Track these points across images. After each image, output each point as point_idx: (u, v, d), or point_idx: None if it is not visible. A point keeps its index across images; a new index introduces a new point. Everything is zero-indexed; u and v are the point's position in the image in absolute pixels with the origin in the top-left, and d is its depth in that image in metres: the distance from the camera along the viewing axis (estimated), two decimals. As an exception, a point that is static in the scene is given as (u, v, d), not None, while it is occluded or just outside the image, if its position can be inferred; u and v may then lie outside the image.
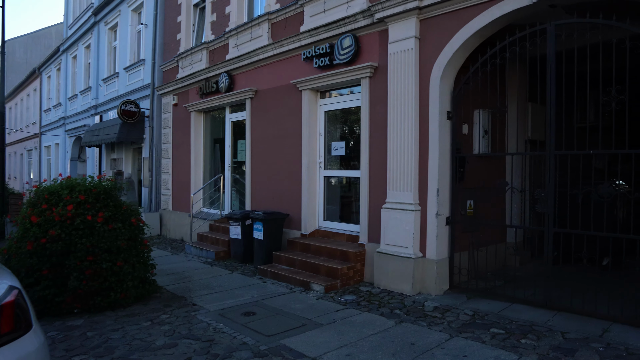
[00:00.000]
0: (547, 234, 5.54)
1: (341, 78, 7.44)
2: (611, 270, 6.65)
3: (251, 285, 6.94)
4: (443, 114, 6.35)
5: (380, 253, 6.65)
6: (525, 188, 6.83)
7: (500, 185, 5.95)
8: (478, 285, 6.28)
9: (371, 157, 7.08)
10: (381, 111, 6.92)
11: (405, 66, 6.49)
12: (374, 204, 7.00)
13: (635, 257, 5.21)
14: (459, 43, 6.06)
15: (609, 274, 5.46)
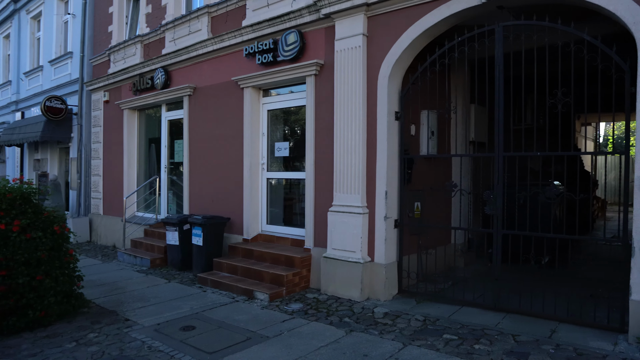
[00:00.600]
0: (496, 236, 5.49)
1: (285, 76, 7.12)
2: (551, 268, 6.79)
3: (190, 295, 6.46)
4: (391, 114, 6.19)
5: (327, 258, 6.40)
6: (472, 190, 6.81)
7: (449, 187, 5.86)
8: (427, 289, 6.17)
9: (317, 158, 6.82)
10: (327, 110, 6.67)
11: (353, 64, 6.28)
12: (320, 207, 6.74)
13: (569, 254, 5.31)
14: (408, 42, 5.92)
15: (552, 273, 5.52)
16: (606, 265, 7.46)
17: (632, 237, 4.51)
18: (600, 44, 4.75)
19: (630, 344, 4.47)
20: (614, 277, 5.67)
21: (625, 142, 4.78)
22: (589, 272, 7.08)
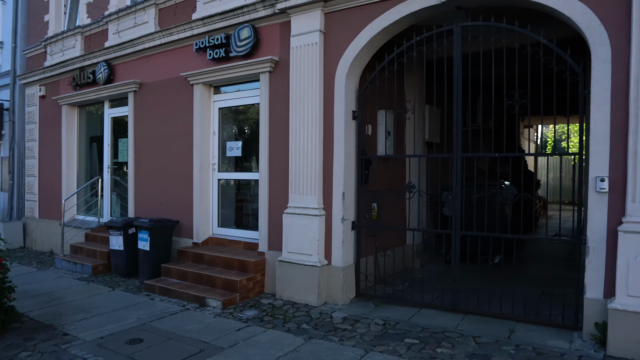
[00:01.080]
0: (455, 237, 5.46)
1: (238, 72, 6.83)
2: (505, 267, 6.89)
3: (137, 304, 6.05)
4: (349, 114, 6.05)
5: (282, 262, 6.17)
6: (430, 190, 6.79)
7: (408, 188, 5.79)
8: (385, 291, 6.07)
9: (271, 158, 6.58)
10: (282, 109, 6.45)
11: (309, 61, 6.08)
12: (275, 209, 6.50)
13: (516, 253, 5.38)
14: (366, 40, 5.80)
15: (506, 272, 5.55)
16: (554, 264, 7.70)
17: (587, 237, 4.58)
18: (555, 47, 4.81)
19: (585, 341, 4.54)
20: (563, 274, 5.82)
21: (580, 144, 4.86)
22: (539, 270, 7.22)
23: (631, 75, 4.29)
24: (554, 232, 10.53)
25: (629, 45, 4.36)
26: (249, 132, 7.38)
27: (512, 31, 5.05)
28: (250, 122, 7.40)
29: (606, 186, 4.45)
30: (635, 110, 4.26)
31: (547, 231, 5.81)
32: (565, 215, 10.04)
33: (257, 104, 6.93)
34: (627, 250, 4.26)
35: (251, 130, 7.33)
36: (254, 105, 7.15)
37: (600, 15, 4.52)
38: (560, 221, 5.49)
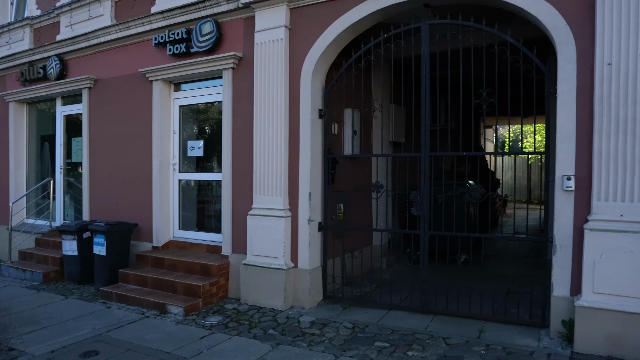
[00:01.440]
0: (423, 237, 5.40)
1: (200, 68, 6.57)
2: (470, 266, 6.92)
3: (92, 313, 5.70)
4: (315, 112, 5.91)
5: (247, 265, 5.97)
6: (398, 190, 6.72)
7: (376, 188, 5.70)
8: (353, 293, 5.96)
9: (234, 158, 6.36)
10: (246, 107, 6.24)
11: (274, 58, 5.90)
12: (239, 211, 6.28)
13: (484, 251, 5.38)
14: (333, 36, 5.67)
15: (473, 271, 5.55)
16: (517, 262, 7.80)
17: (554, 235, 4.59)
18: (522, 47, 4.81)
19: (552, 339, 4.56)
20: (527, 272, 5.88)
21: (546, 143, 4.89)
22: (503, 268, 7.30)
23: (595, 76, 4.33)
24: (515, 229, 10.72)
25: (593, 45, 4.40)
26: (211, 131, 7.12)
27: (480, 30, 5.03)
28: (212, 120, 7.14)
29: (572, 185, 4.48)
30: (600, 109, 4.30)
31: (505, 229, 5.87)
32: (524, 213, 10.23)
33: (219, 102, 6.69)
34: (593, 248, 4.29)
35: (213, 129, 7.08)
36: (216, 103, 6.90)
37: (566, 16, 4.55)
38: (527, 219, 5.50)
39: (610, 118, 4.26)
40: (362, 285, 6.47)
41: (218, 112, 6.88)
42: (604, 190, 4.29)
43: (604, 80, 4.29)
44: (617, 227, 4.22)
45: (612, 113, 4.26)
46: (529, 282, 6.41)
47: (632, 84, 4.19)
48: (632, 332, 4.11)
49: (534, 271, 5.03)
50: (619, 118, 4.23)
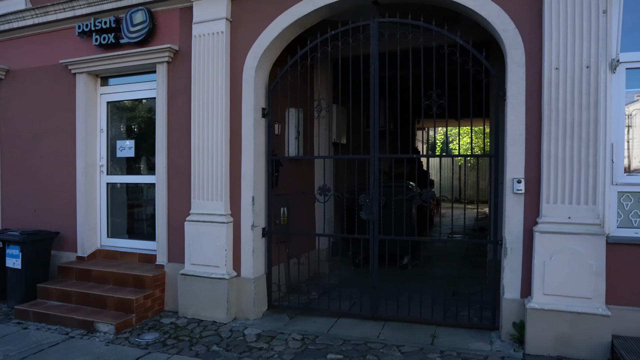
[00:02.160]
0: (373, 242, 5.24)
1: (131, 61, 6.01)
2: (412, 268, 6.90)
3: (4, 336, 5.00)
4: (258, 111, 5.58)
5: (185, 275, 5.53)
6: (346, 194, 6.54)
7: (323, 191, 5.46)
8: (299, 301, 5.69)
9: (170, 159, 5.88)
10: (183, 104, 5.79)
11: (214, 52, 5.50)
12: (175, 216, 5.82)
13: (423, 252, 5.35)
14: (277, 31, 5.37)
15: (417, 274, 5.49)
16: (456, 263, 7.91)
17: (505, 238, 4.59)
18: (471, 48, 4.78)
19: (504, 341, 4.56)
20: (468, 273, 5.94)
21: (495, 145, 4.88)
22: (444, 270, 7.35)
23: (544, 80, 4.36)
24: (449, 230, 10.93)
25: (541, 49, 4.44)
26: (144, 129, 6.56)
27: (430, 31, 4.95)
28: (144, 118, 6.58)
29: (522, 187, 4.49)
30: (549, 113, 4.33)
31: (441, 229, 5.91)
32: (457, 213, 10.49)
33: (152, 98, 6.16)
34: (543, 250, 4.32)
35: (146, 127, 6.52)
36: (149, 100, 6.36)
37: (515, 19, 4.56)
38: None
39: (558, 122, 4.31)
40: (307, 291, 6.22)
41: (151, 109, 6.35)
42: (553, 193, 4.33)
43: (552, 85, 4.33)
44: (565, 229, 4.27)
45: (560, 117, 4.30)
46: (471, 283, 6.51)
47: (578, 89, 4.26)
48: (580, 331, 4.18)
49: (474, 271, 5.04)
50: (567, 122, 4.28)
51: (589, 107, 4.22)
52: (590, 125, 4.22)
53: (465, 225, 6.30)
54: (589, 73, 4.23)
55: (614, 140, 4.35)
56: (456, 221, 9.73)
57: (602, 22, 4.22)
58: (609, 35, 4.27)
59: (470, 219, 12.36)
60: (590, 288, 4.19)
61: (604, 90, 4.24)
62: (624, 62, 4.31)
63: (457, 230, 10.08)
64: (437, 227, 11.53)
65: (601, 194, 4.24)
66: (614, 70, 4.32)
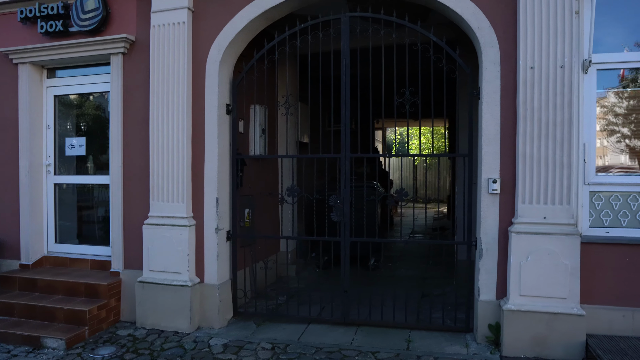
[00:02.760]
0: (344, 245, 5.05)
1: (82, 52, 5.54)
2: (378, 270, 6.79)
3: (-64, 355, 4.48)
4: (222, 107, 5.27)
5: (144, 283, 5.14)
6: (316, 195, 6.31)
7: (292, 192, 5.21)
8: (267, 306, 5.41)
9: (126, 158, 5.46)
10: (140, 99, 5.39)
11: (175, 44, 5.14)
12: (132, 219, 5.41)
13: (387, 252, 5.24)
14: (244, 23, 5.08)
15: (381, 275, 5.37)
16: (420, 263, 7.87)
17: (480, 239, 4.52)
18: (445, 46, 4.68)
19: (480, 344, 4.50)
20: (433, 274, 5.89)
21: (470, 145, 4.81)
22: (408, 270, 7.28)
23: (519, 79, 4.31)
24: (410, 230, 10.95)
25: (516, 48, 4.40)
26: (96, 126, 6.08)
27: (401, 28, 4.81)
28: (97, 114, 6.10)
29: (498, 187, 4.44)
30: (524, 112, 4.29)
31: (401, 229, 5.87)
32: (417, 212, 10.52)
33: (106, 92, 5.71)
34: (519, 251, 4.28)
35: (99, 124, 6.05)
36: (102, 94, 5.90)
37: (490, 17, 4.51)
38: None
39: (534, 121, 4.28)
40: (273, 297, 5.96)
41: (104, 104, 5.89)
42: (528, 193, 4.30)
43: (527, 84, 4.29)
44: (541, 229, 4.24)
45: (535, 116, 4.27)
46: (438, 284, 6.47)
47: (552, 88, 4.24)
48: (556, 331, 4.16)
49: (438, 271, 4.97)
50: (542, 122, 4.26)
51: (563, 107, 4.22)
52: (564, 125, 4.22)
53: (426, 225, 6.31)
54: (563, 73, 4.23)
55: (586, 140, 4.37)
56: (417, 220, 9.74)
57: (575, 23, 4.23)
58: (581, 36, 4.28)
59: (428, 219, 12.46)
60: (565, 288, 4.18)
61: (577, 90, 4.25)
62: (595, 62, 4.34)
63: (418, 230, 10.09)
64: (398, 227, 11.53)
65: (575, 194, 4.25)
66: (586, 70, 4.34)
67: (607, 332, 4.26)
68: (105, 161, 5.84)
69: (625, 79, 4.55)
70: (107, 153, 5.60)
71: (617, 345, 3.99)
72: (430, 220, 12.28)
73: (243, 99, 5.68)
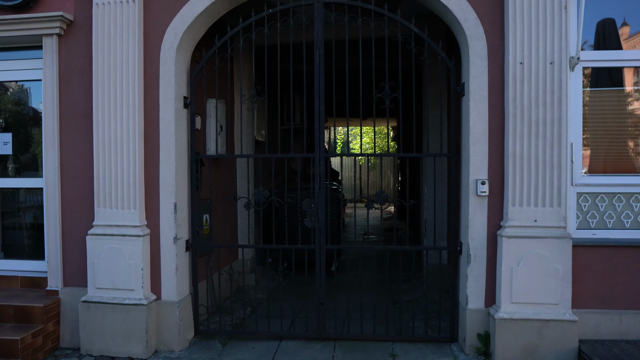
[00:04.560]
0: (319, 252, 4.62)
1: (6, 32, 4.68)
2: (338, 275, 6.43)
3: None
4: (179, 100, 4.66)
5: (88, 303, 4.42)
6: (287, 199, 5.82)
7: (260, 197, 4.70)
8: (233, 321, 4.88)
9: (64, 157, 4.70)
10: (80, 88, 4.65)
11: (122, 26, 4.45)
12: (73, 229, 4.67)
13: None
14: (204, 5, 4.49)
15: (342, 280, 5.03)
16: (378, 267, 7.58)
17: (468, 244, 4.27)
18: (427, 38, 4.39)
19: (468, 354, 4.27)
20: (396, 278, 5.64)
21: (454, 144, 4.55)
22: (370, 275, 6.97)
23: (508, 74, 4.09)
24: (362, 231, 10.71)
25: (503, 43, 4.19)
26: (26, 120, 5.20)
27: (380, 17, 4.46)
28: (26, 106, 5.22)
29: (487, 189, 4.20)
30: (514, 110, 4.08)
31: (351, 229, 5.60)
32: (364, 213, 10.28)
33: (39, 80, 4.87)
34: (509, 256, 4.07)
35: (29, 117, 5.18)
36: (32, 83, 5.05)
37: (477, 9, 4.26)
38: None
39: (523, 119, 4.08)
40: (236, 310, 5.42)
41: (36, 94, 5.04)
42: (519, 194, 4.09)
43: (517, 80, 4.08)
44: (532, 232, 4.06)
45: (525, 114, 4.07)
46: (406, 289, 6.22)
47: (542, 85, 4.06)
48: (548, 339, 4.00)
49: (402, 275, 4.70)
50: (532, 120, 4.07)
51: (553, 104, 4.05)
52: (554, 123, 4.05)
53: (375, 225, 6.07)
54: (552, 69, 4.05)
55: (573, 139, 4.24)
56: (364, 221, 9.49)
57: (564, 18, 4.07)
58: (569, 32, 4.13)
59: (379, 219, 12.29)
60: (557, 294, 4.02)
61: (566, 88, 4.10)
62: (583, 60, 4.22)
63: (372, 232, 9.87)
64: (350, 229, 11.22)
65: (564, 196, 4.10)
66: (573, 68, 4.20)
67: (594, 337, 4.16)
68: (37, 161, 5.01)
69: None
70: (40, 151, 4.77)
71: (610, 351, 3.88)
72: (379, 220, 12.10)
73: (200, 92, 5.09)
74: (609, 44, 4.36)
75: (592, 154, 4.43)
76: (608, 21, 4.39)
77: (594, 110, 4.43)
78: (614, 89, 4.42)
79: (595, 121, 4.44)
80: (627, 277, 4.19)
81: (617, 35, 4.39)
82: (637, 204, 4.24)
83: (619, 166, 4.41)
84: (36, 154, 5.09)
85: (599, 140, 4.45)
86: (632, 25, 4.41)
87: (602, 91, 4.42)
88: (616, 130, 4.47)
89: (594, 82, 4.43)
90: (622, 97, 4.46)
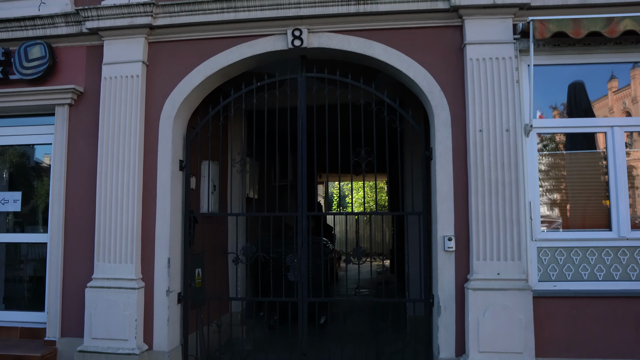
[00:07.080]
0: (302, 305, 4.93)
1: (23, 101, 5.21)
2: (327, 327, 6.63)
3: None
4: (175, 163, 5.13)
5: (84, 352, 4.70)
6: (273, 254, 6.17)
7: (248, 252, 5.07)
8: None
9: (68, 214, 5.11)
10: (86, 152, 5.14)
11: (127, 97, 5.00)
12: (73, 281, 5.01)
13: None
14: (200, 79, 5.05)
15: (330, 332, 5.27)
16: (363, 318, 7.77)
17: (438, 296, 4.60)
18: (398, 108, 4.90)
19: (440, 404, 4.47)
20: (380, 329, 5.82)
21: (424, 203, 4.96)
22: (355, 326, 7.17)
23: (469, 140, 4.57)
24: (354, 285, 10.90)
25: (464, 111, 4.68)
26: (35, 179, 5.66)
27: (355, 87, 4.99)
28: (35, 167, 5.70)
29: (453, 245, 4.58)
30: (475, 172, 4.53)
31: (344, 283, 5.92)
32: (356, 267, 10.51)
33: (49, 144, 5.37)
34: (475, 307, 4.38)
35: (37, 177, 5.65)
36: (43, 146, 5.55)
37: (440, 82, 4.79)
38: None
39: (484, 181, 4.51)
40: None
41: (40, 148, 5.53)
42: (482, 249, 4.46)
43: (477, 146, 4.55)
44: (495, 285, 4.39)
45: (485, 176, 4.51)
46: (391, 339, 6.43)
47: (500, 150, 4.52)
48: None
49: (388, 326, 4.97)
50: (492, 181, 4.50)
51: (510, 167, 4.50)
52: (512, 184, 4.49)
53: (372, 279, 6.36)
54: (508, 136, 4.53)
55: (531, 198, 4.66)
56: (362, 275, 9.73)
57: (517, 90, 4.60)
58: (522, 102, 4.65)
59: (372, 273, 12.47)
60: (521, 342, 4.30)
61: (521, 152, 4.56)
62: (536, 127, 4.71)
63: (364, 285, 10.10)
64: (343, 282, 11.44)
65: (524, 250, 4.47)
66: (528, 134, 4.69)
67: (558, 384, 4.40)
68: (43, 218, 5.42)
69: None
70: (46, 209, 5.19)
71: (573, 398, 4.12)
72: (374, 274, 12.34)
73: (195, 155, 5.57)
74: (579, 105, 4.85)
75: (549, 210, 4.83)
76: (578, 84, 4.89)
77: (549, 172, 4.88)
78: (567, 152, 4.90)
79: (551, 181, 4.87)
80: (589, 326, 4.47)
81: (586, 97, 4.87)
82: (593, 257, 4.59)
83: (575, 222, 4.80)
84: (38, 205, 5.48)
85: (554, 199, 4.87)
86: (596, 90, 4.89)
87: (556, 154, 4.89)
88: (571, 189, 4.91)
89: (569, 145, 4.87)
90: (578, 159, 4.89)
